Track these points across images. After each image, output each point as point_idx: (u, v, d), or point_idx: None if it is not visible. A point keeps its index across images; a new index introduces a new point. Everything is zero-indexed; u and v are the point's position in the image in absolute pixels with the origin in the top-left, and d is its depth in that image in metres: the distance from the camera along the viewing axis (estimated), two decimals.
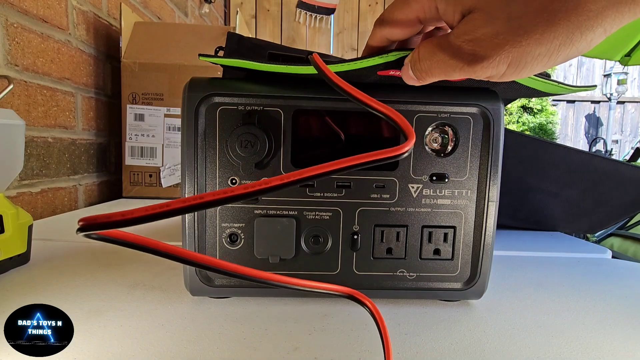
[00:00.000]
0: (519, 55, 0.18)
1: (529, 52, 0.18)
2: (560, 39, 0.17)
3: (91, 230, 0.12)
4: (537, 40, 0.17)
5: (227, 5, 2.00)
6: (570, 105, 4.44)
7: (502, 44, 0.18)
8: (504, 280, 0.39)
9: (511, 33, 0.18)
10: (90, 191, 0.82)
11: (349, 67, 0.26)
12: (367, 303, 0.22)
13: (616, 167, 0.59)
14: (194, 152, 0.29)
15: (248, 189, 0.14)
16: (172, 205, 0.13)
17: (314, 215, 0.30)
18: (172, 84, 0.84)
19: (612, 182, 0.59)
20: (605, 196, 0.60)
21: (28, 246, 0.39)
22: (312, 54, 0.26)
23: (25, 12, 0.63)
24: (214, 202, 0.14)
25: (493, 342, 0.27)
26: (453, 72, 0.21)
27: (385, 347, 0.21)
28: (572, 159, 0.56)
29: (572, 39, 0.17)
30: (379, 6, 2.13)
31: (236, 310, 0.31)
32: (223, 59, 0.29)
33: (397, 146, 0.18)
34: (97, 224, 0.12)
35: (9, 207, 0.36)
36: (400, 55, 0.25)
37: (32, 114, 0.65)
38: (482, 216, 0.31)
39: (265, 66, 0.28)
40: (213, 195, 0.14)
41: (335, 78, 0.24)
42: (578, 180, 0.58)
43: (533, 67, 0.18)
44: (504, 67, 0.19)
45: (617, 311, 0.33)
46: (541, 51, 0.17)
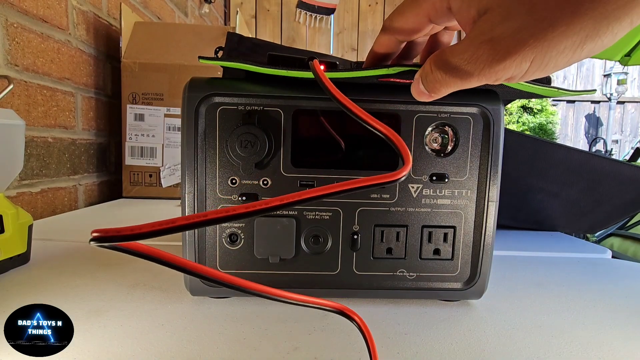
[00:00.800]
0: (544, 50, 0.17)
1: (554, 46, 0.16)
2: (587, 30, 0.16)
3: (103, 242, 0.14)
4: (562, 32, 0.16)
5: (227, 5, 2.01)
6: (570, 105, 4.44)
7: (525, 39, 0.17)
8: (504, 280, 0.39)
9: (534, 27, 0.16)
10: (90, 191, 0.82)
11: (349, 75, 0.26)
12: (356, 318, 0.22)
13: (616, 167, 0.59)
14: (194, 152, 0.29)
15: (249, 208, 0.16)
16: (177, 222, 0.15)
17: (314, 215, 0.30)
18: (172, 84, 0.84)
19: (611, 182, 0.59)
20: (605, 196, 0.60)
21: (28, 246, 0.39)
22: (312, 60, 0.26)
23: (25, 12, 0.63)
24: (216, 220, 0.15)
25: (493, 342, 0.27)
26: (470, 78, 0.19)
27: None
28: (571, 159, 0.56)
29: (599, 31, 0.16)
30: (379, 6, 2.14)
31: (236, 310, 0.31)
32: (223, 62, 0.29)
33: (394, 172, 0.18)
34: (107, 237, 0.14)
35: (9, 207, 0.36)
36: (401, 69, 0.25)
37: (32, 114, 0.65)
38: (482, 216, 0.31)
39: (266, 70, 0.28)
40: (216, 213, 0.15)
41: (335, 91, 0.24)
42: (578, 180, 0.58)
43: (557, 63, 0.17)
44: (527, 64, 0.17)
45: (617, 311, 0.33)
46: (567, 44, 0.16)
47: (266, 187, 0.30)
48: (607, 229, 1.24)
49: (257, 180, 0.30)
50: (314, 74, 0.25)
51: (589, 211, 0.63)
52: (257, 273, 0.31)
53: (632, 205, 0.63)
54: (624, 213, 0.65)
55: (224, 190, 0.30)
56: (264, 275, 0.31)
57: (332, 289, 0.32)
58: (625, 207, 0.63)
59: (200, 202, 0.30)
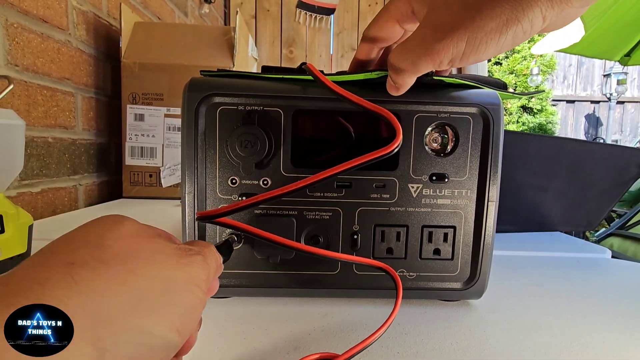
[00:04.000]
0: (475, 31, 0.21)
1: (482, 27, 0.20)
2: (507, 14, 0.20)
3: (205, 220, 0.23)
4: (487, 15, 0.20)
5: (227, 6, 2.00)
6: (570, 105, 4.44)
7: (458, 23, 0.21)
8: (504, 280, 0.39)
9: (466, 13, 0.21)
10: (91, 191, 0.82)
11: (337, 79, 0.29)
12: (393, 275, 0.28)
13: (588, 146, 0.62)
14: (194, 152, 0.29)
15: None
16: (259, 197, 0.23)
17: (314, 215, 0.30)
18: (172, 84, 0.84)
19: (588, 163, 0.61)
20: (588, 179, 0.62)
21: (28, 246, 0.39)
22: (305, 64, 0.29)
23: (25, 12, 0.63)
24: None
25: (493, 342, 0.27)
26: (419, 60, 0.23)
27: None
28: (545, 146, 0.58)
29: (517, 15, 0.20)
30: (379, 6, 2.13)
31: (236, 310, 0.31)
32: (222, 73, 0.31)
33: (387, 145, 0.21)
34: (208, 215, 0.23)
35: (9, 207, 0.36)
36: (382, 74, 0.28)
37: (32, 114, 0.65)
38: (482, 216, 0.31)
39: (262, 76, 0.30)
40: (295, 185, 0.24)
41: (328, 82, 0.27)
42: (558, 168, 0.60)
43: (488, 45, 0.21)
44: (462, 44, 0.21)
45: (617, 311, 0.33)
46: (492, 26, 0.20)
47: (266, 187, 0.30)
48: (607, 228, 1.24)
49: (257, 180, 0.30)
50: (310, 73, 0.28)
51: (580, 201, 0.64)
52: (257, 273, 0.31)
53: (617, 186, 0.64)
54: (613, 196, 0.66)
55: (224, 190, 0.30)
56: (264, 275, 0.31)
57: (332, 289, 0.32)
58: (611, 189, 0.64)
59: (200, 202, 0.30)
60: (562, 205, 0.64)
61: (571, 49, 1.75)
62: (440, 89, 0.30)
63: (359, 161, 0.24)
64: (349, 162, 0.24)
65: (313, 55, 2.11)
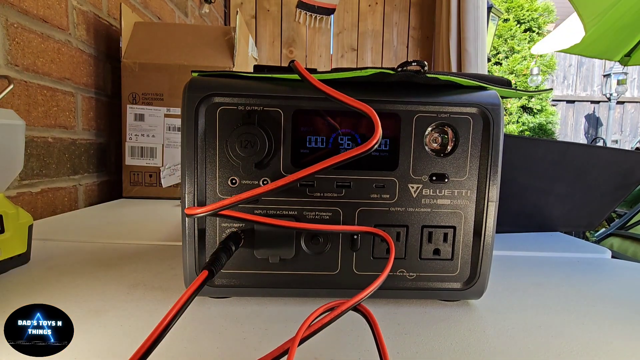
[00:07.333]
0: None
1: None
2: None
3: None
4: None
5: (227, 6, 2.01)
6: (570, 105, 4.44)
7: None
8: (504, 280, 0.39)
9: None
10: (91, 191, 0.82)
11: (327, 77, 0.29)
12: (384, 236, 0.29)
13: (593, 151, 0.61)
14: (194, 152, 0.29)
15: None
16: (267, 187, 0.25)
17: (313, 215, 0.30)
18: (172, 84, 0.84)
19: (593, 167, 0.61)
20: (592, 183, 0.62)
21: (28, 246, 0.39)
22: (293, 62, 0.29)
23: (25, 12, 0.63)
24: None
25: (493, 342, 0.27)
26: None
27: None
28: (550, 150, 0.58)
29: None
30: (379, 6, 2.13)
31: (236, 310, 0.31)
32: (214, 73, 0.30)
33: (365, 142, 0.21)
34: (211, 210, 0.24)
35: (9, 207, 0.36)
36: (374, 72, 0.28)
37: (32, 114, 0.65)
38: (482, 216, 0.31)
39: (263, 76, 0.30)
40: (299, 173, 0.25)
41: (314, 80, 0.27)
42: (563, 172, 0.59)
43: None
44: None
45: (617, 311, 0.33)
46: None
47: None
48: (607, 228, 1.24)
49: (257, 180, 0.30)
50: (296, 71, 0.28)
51: (583, 203, 0.64)
52: (257, 273, 0.31)
53: (621, 188, 0.64)
54: (616, 198, 0.66)
55: (224, 190, 0.30)
56: (264, 275, 0.31)
57: (332, 289, 0.32)
58: (614, 191, 0.64)
59: (200, 202, 0.30)
60: (564, 207, 0.64)
61: (571, 49, 1.75)
62: (441, 89, 0.30)
63: (336, 160, 0.25)
64: (326, 162, 0.25)
65: (313, 55, 2.11)
